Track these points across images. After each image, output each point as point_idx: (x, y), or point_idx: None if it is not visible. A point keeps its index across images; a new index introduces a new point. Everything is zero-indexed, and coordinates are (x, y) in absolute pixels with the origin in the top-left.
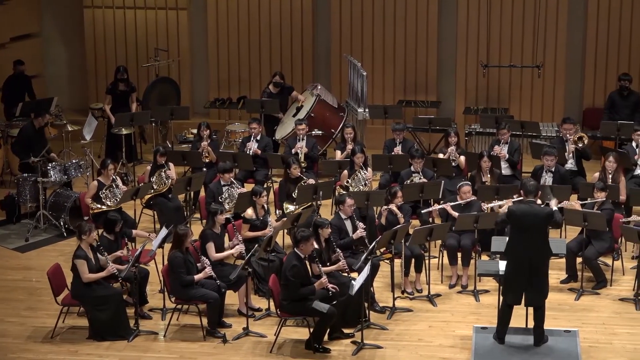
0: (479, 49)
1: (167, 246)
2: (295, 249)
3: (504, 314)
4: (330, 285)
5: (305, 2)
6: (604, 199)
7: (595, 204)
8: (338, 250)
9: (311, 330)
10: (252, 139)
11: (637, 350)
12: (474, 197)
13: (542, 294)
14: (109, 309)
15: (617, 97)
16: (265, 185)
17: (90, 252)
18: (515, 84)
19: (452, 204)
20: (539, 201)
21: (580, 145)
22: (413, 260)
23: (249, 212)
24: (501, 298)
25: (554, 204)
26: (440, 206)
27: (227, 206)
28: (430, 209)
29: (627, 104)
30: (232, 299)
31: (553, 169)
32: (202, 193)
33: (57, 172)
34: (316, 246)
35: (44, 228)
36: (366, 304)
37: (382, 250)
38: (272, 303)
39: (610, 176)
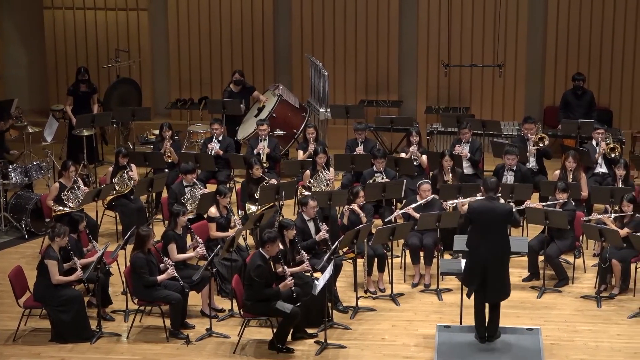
0: (440, 49)
1: (130, 247)
2: (260, 249)
3: (478, 314)
4: (289, 281)
5: (266, 3)
6: (566, 199)
7: (557, 204)
8: (302, 251)
9: (274, 330)
10: (214, 139)
11: (598, 348)
12: (434, 196)
13: (503, 292)
14: (71, 310)
15: (571, 96)
16: (227, 186)
17: (59, 254)
18: (476, 84)
19: (413, 205)
20: (502, 200)
21: (541, 145)
22: (376, 259)
23: (212, 211)
24: (465, 297)
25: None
26: (403, 211)
27: (189, 207)
28: (393, 215)
29: (582, 103)
30: (195, 299)
31: (514, 168)
32: (165, 194)
33: (18, 174)
34: (281, 247)
35: (5, 230)
36: (329, 304)
37: (344, 250)
38: (235, 303)
39: (570, 175)
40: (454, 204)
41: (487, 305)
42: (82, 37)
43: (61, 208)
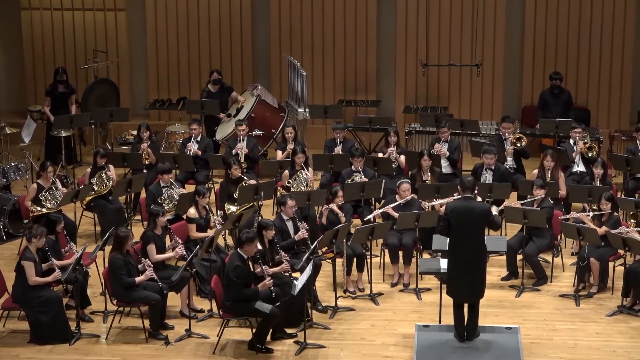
0: (418, 48)
1: (108, 248)
2: (238, 249)
3: (457, 313)
4: (268, 281)
5: (244, 3)
6: (543, 196)
7: (535, 201)
8: (281, 251)
9: (254, 330)
10: (192, 140)
11: (577, 346)
12: (413, 195)
13: (480, 291)
14: (50, 311)
15: (549, 95)
16: (206, 186)
17: (36, 256)
18: (454, 83)
19: (393, 205)
20: (479, 198)
21: (519, 145)
22: (355, 259)
23: (192, 212)
24: (445, 297)
25: (494, 210)
26: (382, 210)
27: (166, 207)
28: (372, 214)
29: (559, 102)
30: (174, 300)
31: (493, 167)
32: (143, 195)
33: None
34: (260, 247)
35: None
36: (309, 304)
37: (323, 249)
38: (214, 304)
39: (548, 174)
40: (434, 206)
41: (465, 304)
42: (59, 37)
43: (39, 209)
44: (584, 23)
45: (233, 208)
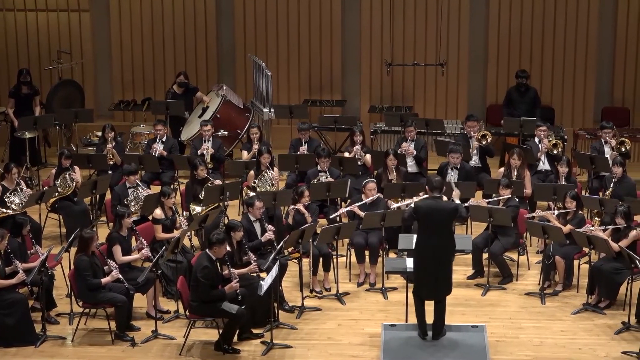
0: (383, 48)
1: (74, 250)
2: (207, 250)
3: (419, 310)
4: (235, 283)
5: (209, 3)
6: (509, 195)
7: (500, 200)
8: (249, 252)
9: (220, 331)
10: (157, 140)
11: (543, 344)
12: (379, 194)
13: (447, 288)
14: (16, 314)
15: (515, 93)
16: (171, 187)
17: None
18: (419, 82)
19: (359, 204)
20: (444, 197)
21: (484, 142)
22: (321, 259)
23: (158, 212)
24: (410, 296)
25: (455, 195)
26: (348, 208)
27: (133, 208)
28: (338, 213)
29: (525, 99)
30: (140, 301)
31: (458, 166)
32: (108, 196)
33: None
34: (228, 248)
35: None
36: (275, 304)
37: (290, 249)
38: (180, 305)
39: (514, 172)
40: (400, 207)
41: (431, 302)
42: (23, 38)
43: (4, 211)
44: (547, 22)
45: (198, 209)
